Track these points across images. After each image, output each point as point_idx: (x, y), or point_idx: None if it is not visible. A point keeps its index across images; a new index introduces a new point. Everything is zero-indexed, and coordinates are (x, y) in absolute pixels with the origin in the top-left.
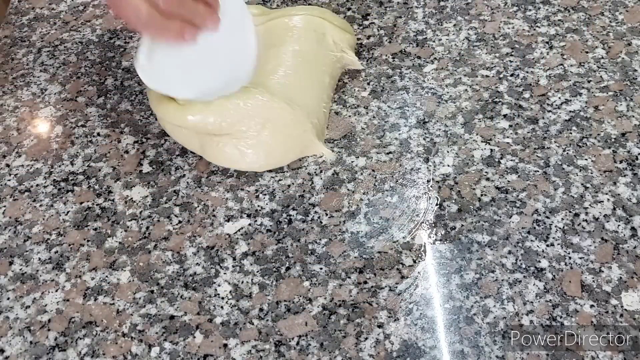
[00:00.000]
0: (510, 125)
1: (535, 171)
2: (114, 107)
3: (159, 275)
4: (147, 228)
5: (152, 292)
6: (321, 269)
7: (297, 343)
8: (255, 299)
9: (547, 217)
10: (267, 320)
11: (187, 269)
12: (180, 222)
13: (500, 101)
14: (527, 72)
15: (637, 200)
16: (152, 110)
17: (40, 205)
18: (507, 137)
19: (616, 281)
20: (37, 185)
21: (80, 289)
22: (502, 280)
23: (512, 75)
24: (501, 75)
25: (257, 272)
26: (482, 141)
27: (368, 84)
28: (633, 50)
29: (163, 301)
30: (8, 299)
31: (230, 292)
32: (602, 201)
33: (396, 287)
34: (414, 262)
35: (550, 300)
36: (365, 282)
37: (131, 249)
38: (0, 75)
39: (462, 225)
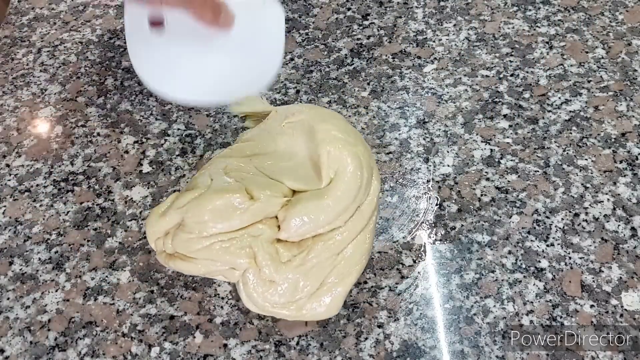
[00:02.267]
0: (510, 125)
1: (535, 171)
2: (114, 107)
3: (159, 275)
4: None
5: (152, 292)
6: None
7: (297, 343)
8: None
9: (547, 217)
10: (267, 320)
11: None
12: None
13: (500, 101)
14: (527, 72)
15: (637, 200)
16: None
17: (40, 205)
18: (507, 137)
19: (616, 281)
20: (37, 185)
21: (80, 289)
22: (502, 280)
23: (512, 75)
24: (501, 75)
25: None
26: (482, 141)
27: (368, 84)
28: (633, 50)
29: (163, 301)
30: (8, 299)
31: (230, 292)
32: (602, 201)
33: (396, 287)
34: (414, 262)
35: (550, 300)
36: (365, 282)
37: (131, 249)
38: (0, 75)
39: (462, 225)
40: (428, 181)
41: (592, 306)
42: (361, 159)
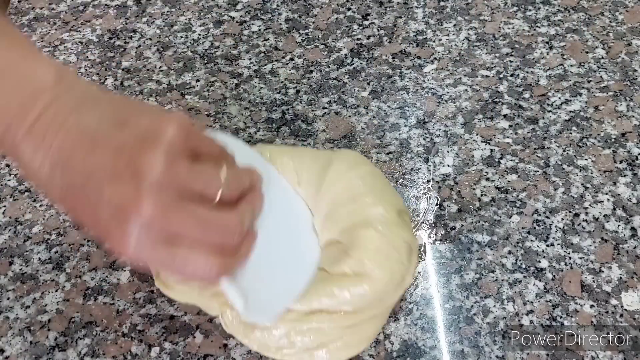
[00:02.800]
0: (510, 125)
1: (535, 171)
2: None
3: None
4: None
5: (152, 292)
6: None
7: None
8: None
9: (547, 217)
10: None
11: None
12: None
13: (500, 101)
14: (527, 72)
15: (637, 200)
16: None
17: (40, 205)
18: (507, 137)
19: (616, 281)
20: None
21: (80, 289)
22: (502, 280)
23: (512, 75)
24: (501, 75)
25: None
26: (482, 141)
27: (368, 84)
28: (633, 50)
29: (163, 301)
30: (8, 299)
31: None
32: (602, 201)
33: None
34: None
35: (550, 300)
36: None
37: None
38: None
39: (462, 225)
40: (428, 181)
41: (592, 306)
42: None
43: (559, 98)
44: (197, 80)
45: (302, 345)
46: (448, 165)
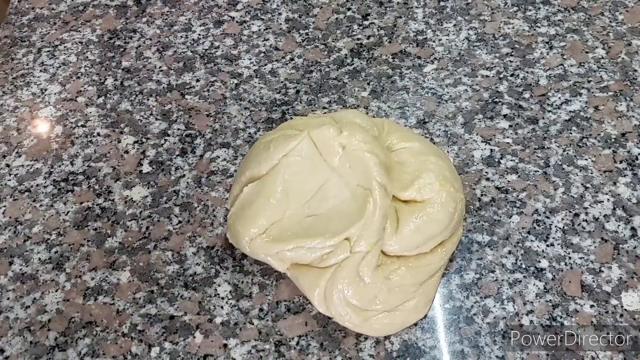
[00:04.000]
0: (510, 125)
1: (535, 171)
2: (114, 107)
3: (159, 275)
4: (147, 228)
5: (152, 292)
6: None
7: (297, 343)
8: (255, 299)
9: (547, 217)
10: (267, 320)
11: (187, 269)
12: (180, 222)
13: (500, 101)
14: (527, 72)
15: (637, 200)
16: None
17: (40, 205)
18: (507, 137)
19: (616, 281)
20: (37, 185)
21: (80, 289)
22: (502, 280)
23: (512, 75)
24: (501, 75)
25: (257, 272)
26: (482, 141)
27: (368, 84)
28: (633, 50)
29: (163, 301)
30: (8, 299)
31: (230, 292)
32: (602, 201)
33: None
34: None
35: (550, 300)
36: None
37: (131, 249)
38: (0, 75)
39: (462, 225)
40: None
41: (592, 306)
42: (457, 202)
43: (559, 98)
44: (197, 80)
45: (382, 308)
46: None
